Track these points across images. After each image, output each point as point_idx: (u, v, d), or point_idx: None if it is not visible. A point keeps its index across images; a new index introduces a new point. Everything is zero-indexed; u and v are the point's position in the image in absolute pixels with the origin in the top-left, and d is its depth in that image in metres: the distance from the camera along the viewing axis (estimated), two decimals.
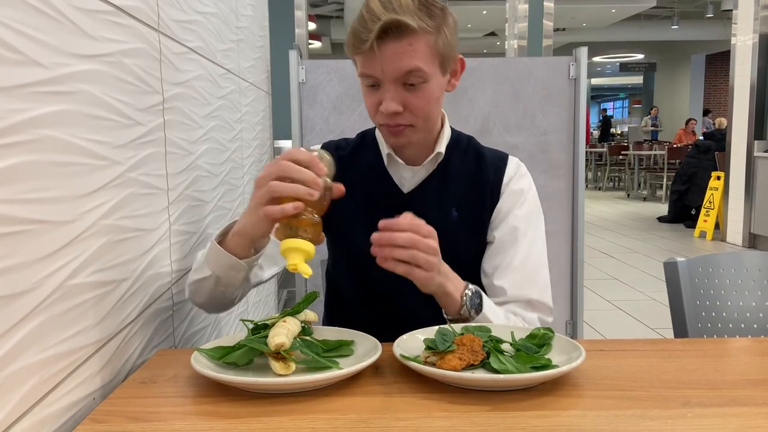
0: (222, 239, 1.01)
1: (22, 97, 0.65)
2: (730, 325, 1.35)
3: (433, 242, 0.93)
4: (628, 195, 10.92)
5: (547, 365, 0.82)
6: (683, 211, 7.52)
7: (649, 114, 15.50)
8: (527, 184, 1.19)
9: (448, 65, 1.07)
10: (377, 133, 1.19)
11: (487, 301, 1.05)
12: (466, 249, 1.15)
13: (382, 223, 0.91)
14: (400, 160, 1.15)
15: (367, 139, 1.22)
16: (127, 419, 0.73)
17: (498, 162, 1.18)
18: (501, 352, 0.85)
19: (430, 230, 0.93)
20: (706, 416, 0.72)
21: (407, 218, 0.92)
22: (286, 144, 3.15)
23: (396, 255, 0.90)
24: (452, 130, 1.20)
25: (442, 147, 1.14)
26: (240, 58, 1.89)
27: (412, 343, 0.91)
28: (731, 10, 6.42)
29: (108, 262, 0.86)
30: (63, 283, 0.73)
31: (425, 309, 1.06)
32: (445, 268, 0.98)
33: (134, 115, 0.96)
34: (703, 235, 6.57)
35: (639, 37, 15.12)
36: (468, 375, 0.79)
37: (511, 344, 0.90)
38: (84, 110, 0.79)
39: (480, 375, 0.80)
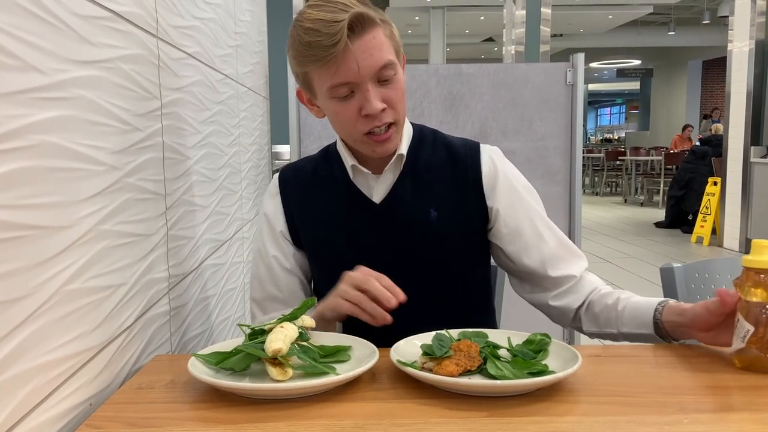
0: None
1: (20, 103, 0.65)
2: None
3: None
4: (625, 200, 10.94)
5: (543, 371, 0.82)
6: (680, 216, 7.53)
7: (710, 117, 12.59)
8: (509, 167, 1.16)
9: (400, 55, 1.05)
10: (339, 146, 1.14)
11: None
12: (453, 247, 1.12)
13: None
14: (366, 170, 1.10)
15: (329, 153, 1.17)
16: (124, 425, 0.73)
17: (471, 153, 1.14)
18: (498, 357, 0.85)
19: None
20: (702, 422, 0.72)
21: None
22: (283, 149, 3.15)
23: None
24: (414, 125, 1.16)
25: (403, 148, 1.10)
26: (238, 63, 1.89)
27: (409, 349, 0.91)
28: (728, 17, 6.46)
29: (105, 267, 0.86)
30: (60, 289, 0.73)
31: (415, 316, 1.05)
32: None
33: (132, 121, 0.97)
34: (700, 240, 6.59)
35: (636, 43, 15.17)
36: (464, 381, 0.79)
37: (508, 350, 0.90)
38: (82, 116, 0.80)
39: (476, 381, 0.80)
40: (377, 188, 1.12)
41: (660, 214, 8.44)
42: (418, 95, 2.26)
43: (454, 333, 0.93)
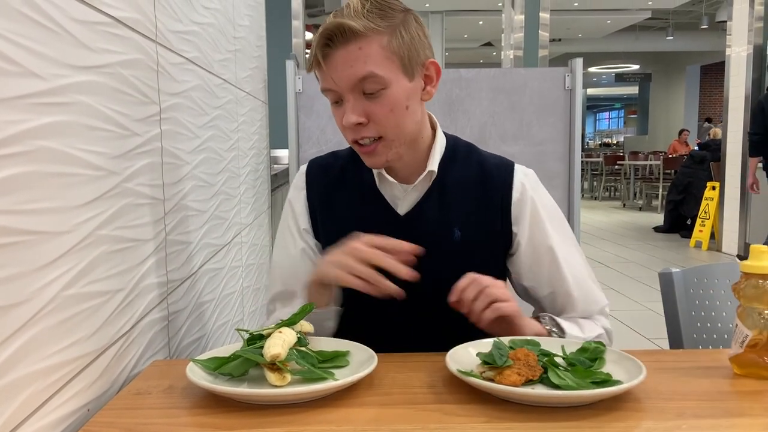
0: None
1: (19, 109, 0.65)
2: (726, 336, 1.35)
3: (494, 280, 0.96)
4: (624, 205, 10.94)
5: (607, 380, 0.79)
6: (679, 221, 7.54)
7: (711, 121, 11.58)
8: (541, 193, 1.12)
9: (414, 69, 0.99)
10: None
11: (563, 321, 1.07)
12: (473, 267, 1.06)
13: (452, 299, 0.95)
14: (392, 179, 1.07)
15: (359, 155, 1.14)
16: (122, 430, 0.73)
17: (504, 173, 1.10)
18: (557, 366, 0.83)
19: (487, 277, 0.96)
20: (701, 428, 0.72)
21: (462, 282, 0.95)
22: (282, 153, 3.16)
23: (476, 309, 0.93)
24: (448, 137, 1.13)
25: (434, 164, 1.07)
26: (237, 68, 1.90)
27: (463, 357, 0.89)
28: (726, 22, 6.47)
29: (103, 272, 0.85)
30: (58, 294, 0.73)
31: (424, 332, 1.05)
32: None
33: (131, 126, 0.97)
34: (698, 245, 6.59)
35: (634, 48, 15.21)
36: (531, 391, 0.78)
37: (563, 358, 0.88)
38: (81, 121, 0.80)
39: (543, 391, 0.79)
40: (404, 200, 1.09)
41: (659, 218, 8.45)
42: None
43: (506, 340, 0.91)
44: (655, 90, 18.77)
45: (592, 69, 19.10)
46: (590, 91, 25.04)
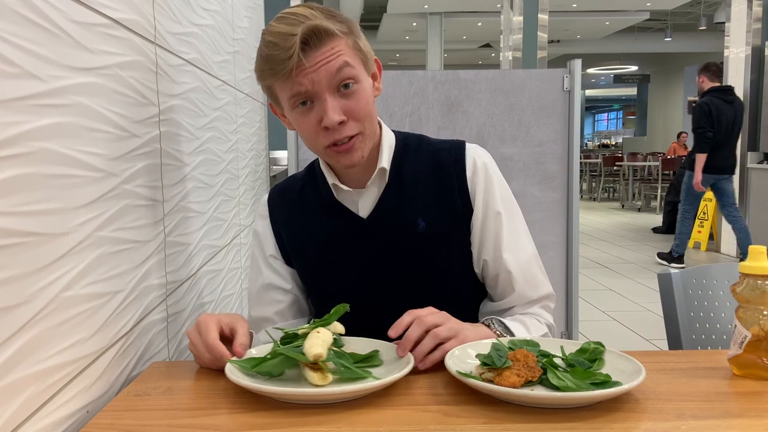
0: None
1: (18, 110, 0.65)
2: (725, 337, 1.35)
3: (437, 314, 0.95)
4: (623, 206, 10.95)
5: (607, 381, 0.79)
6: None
7: None
8: (494, 170, 1.13)
9: (370, 67, 1.04)
10: (321, 163, 1.13)
11: (510, 323, 1.07)
12: (444, 254, 1.10)
13: (391, 335, 0.93)
14: (347, 188, 1.09)
15: (314, 171, 1.17)
16: None
17: (455, 154, 1.12)
18: (556, 367, 0.83)
19: (429, 309, 0.96)
20: (700, 428, 0.72)
21: (404, 319, 0.93)
22: (281, 154, 3.16)
23: (423, 351, 0.91)
24: (397, 134, 1.14)
25: (384, 161, 1.08)
26: (236, 69, 1.90)
27: (464, 357, 0.89)
28: (724, 23, 6.49)
29: (103, 273, 0.85)
30: (58, 295, 0.73)
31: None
32: (463, 324, 0.98)
33: (130, 127, 0.97)
34: (697, 246, 6.59)
35: (633, 49, 15.24)
36: (530, 393, 0.77)
37: (562, 359, 0.88)
38: (80, 123, 0.80)
39: (542, 393, 0.78)
40: (362, 203, 1.10)
41: (657, 219, 8.45)
42: (415, 101, 2.27)
43: (504, 341, 0.91)
44: (653, 91, 18.80)
45: (590, 70, 19.12)
46: (589, 92, 25.08)
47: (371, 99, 1.03)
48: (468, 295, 1.17)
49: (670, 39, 13.42)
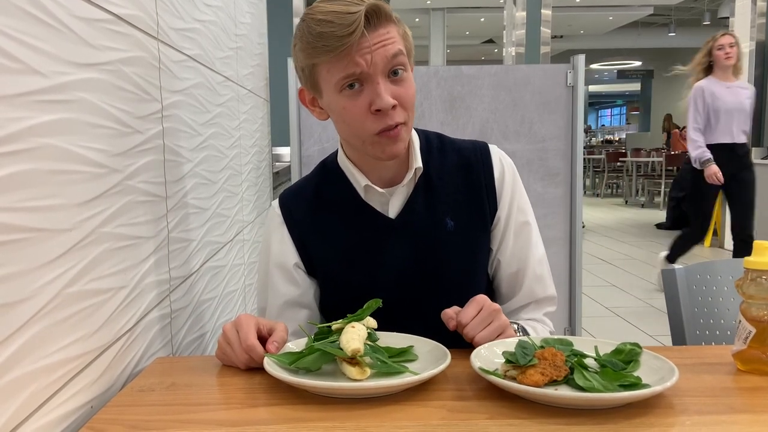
0: None
1: (21, 106, 0.65)
2: (729, 332, 1.35)
3: (491, 306, 0.95)
4: (626, 202, 10.93)
5: (636, 384, 0.77)
6: (681, 217, 7.50)
7: None
8: (517, 172, 1.15)
9: (412, 60, 1.02)
10: (344, 164, 1.09)
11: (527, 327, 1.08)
12: (472, 254, 1.10)
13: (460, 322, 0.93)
14: (380, 189, 1.06)
15: (329, 172, 1.12)
16: (125, 428, 0.73)
17: (481, 155, 1.12)
18: (585, 367, 0.81)
19: (495, 306, 0.96)
20: (704, 424, 0.72)
21: (469, 310, 0.94)
22: (284, 150, 3.16)
23: (487, 338, 0.92)
24: (417, 131, 1.12)
25: (418, 160, 1.06)
26: (239, 65, 1.89)
27: (491, 356, 0.87)
28: (728, 18, 6.46)
29: (106, 269, 0.86)
30: (61, 291, 0.73)
31: (425, 321, 1.04)
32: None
33: (133, 123, 0.97)
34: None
35: (636, 45, 15.19)
36: (550, 392, 0.75)
37: (595, 359, 0.85)
38: (83, 118, 0.80)
39: (562, 392, 0.76)
40: (392, 203, 1.08)
41: (661, 215, 8.43)
42: (418, 97, 2.25)
43: (537, 340, 0.89)
44: (657, 87, 18.73)
45: (593, 66, 19.07)
46: (592, 88, 24.99)
47: (415, 90, 1.00)
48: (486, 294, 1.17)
49: (674, 34, 13.37)
